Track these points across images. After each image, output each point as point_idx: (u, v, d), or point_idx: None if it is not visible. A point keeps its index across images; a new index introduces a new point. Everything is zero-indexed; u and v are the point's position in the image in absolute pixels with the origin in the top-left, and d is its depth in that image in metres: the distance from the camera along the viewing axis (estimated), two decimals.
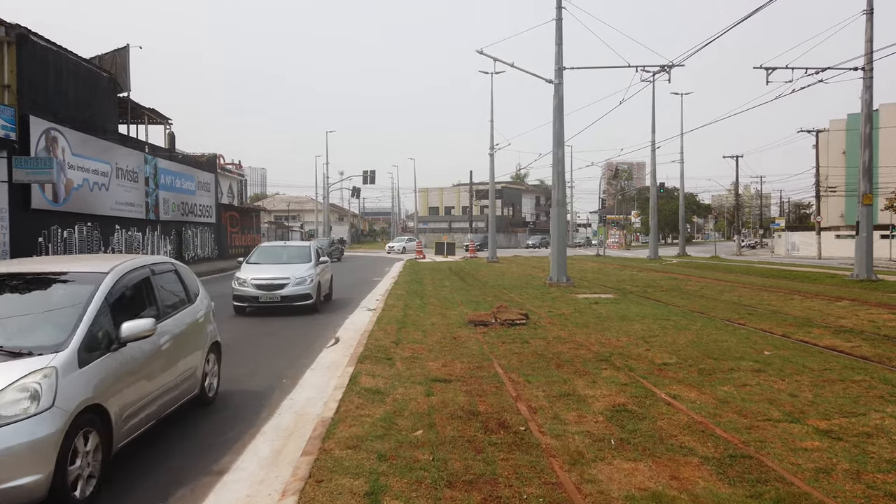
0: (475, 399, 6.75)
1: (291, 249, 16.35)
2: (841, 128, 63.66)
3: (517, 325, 11.87)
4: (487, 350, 9.54)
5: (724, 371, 8.06)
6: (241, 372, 8.63)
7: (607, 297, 17.13)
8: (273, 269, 14.67)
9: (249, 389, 7.73)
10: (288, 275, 14.35)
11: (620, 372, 8.02)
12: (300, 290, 14.26)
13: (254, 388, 7.81)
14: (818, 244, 51.03)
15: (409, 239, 61.23)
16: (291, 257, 15.57)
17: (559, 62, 20.11)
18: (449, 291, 18.98)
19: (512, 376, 7.83)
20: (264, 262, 15.39)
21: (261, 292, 14.07)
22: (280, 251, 16.31)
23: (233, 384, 7.92)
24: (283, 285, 14.17)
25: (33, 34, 22.21)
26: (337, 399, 6.49)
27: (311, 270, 14.80)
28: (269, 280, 14.21)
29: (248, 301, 14.18)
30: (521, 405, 6.51)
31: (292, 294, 14.17)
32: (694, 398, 6.80)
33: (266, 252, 16.32)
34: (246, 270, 14.72)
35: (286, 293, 14.13)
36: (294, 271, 14.52)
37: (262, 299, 14.10)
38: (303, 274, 14.52)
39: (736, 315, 13.19)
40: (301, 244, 17.11)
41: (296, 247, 16.73)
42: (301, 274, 14.50)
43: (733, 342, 10.01)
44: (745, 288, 19.80)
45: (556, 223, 20.72)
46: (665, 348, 9.58)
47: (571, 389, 7.12)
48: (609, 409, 6.34)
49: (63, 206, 23.78)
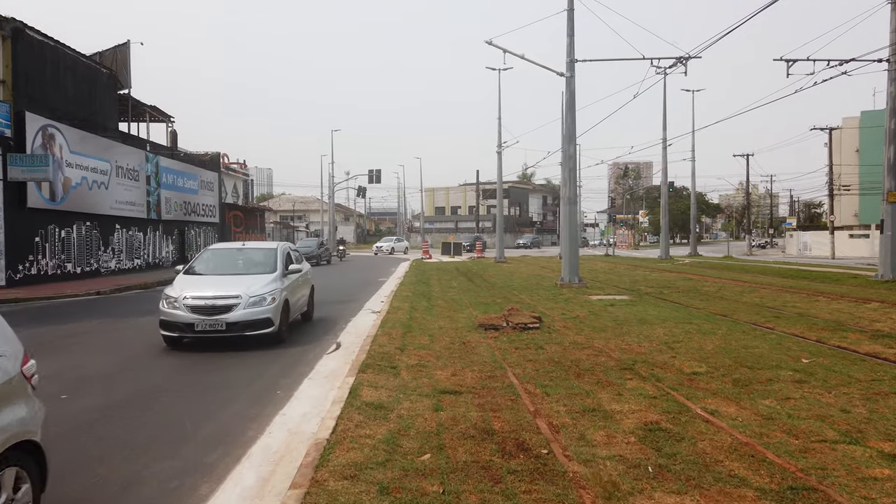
0: (489, 415, 6.04)
1: (251, 254, 12.16)
2: (854, 125, 62.66)
3: (530, 328, 11.16)
4: (500, 357, 8.83)
5: (762, 382, 7.32)
6: (233, 381, 7.95)
7: (622, 298, 16.39)
8: (219, 284, 10.55)
9: (241, 400, 7.04)
10: (238, 291, 10.05)
11: (647, 382, 7.30)
12: (255, 314, 9.97)
13: (245, 399, 7.12)
14: (832, 244, 50.04)
15: (397, 239, 60.58)
16: (249, 265, 11.61)
17: (571, 54, 19.37)
18: (457, 293, 18.28)
19: (528, 387, 7.12)
20: (210, 271, 11.36)
21: (197, 317, 9.76)
22: (234, 256, 12.16)
23: (224, 394, 7.25)
24: (230, 307, 9.85)
25: (29, 28, 21.65)
26: (335, 416, 5.79)
27: (275, 285, 10.60)
28: (211, 299, 9.91)
29: (180, 329, 9.91)
30: (540, 422, 5.80)
31: (244, 320, 9.87)
32: (734, 414, 6.08)
33: (214, 258, 12.00)
34: (181, 284, 10.49)
35: (235, 318, 9.81)
36: (249, 286, 10.30)
37: (198, 327, 9.77)
38: (260, 290, 10.24)
39: (762, 318, 12.43)
40: (265, 246, 12.58)
41: (257, 250, 12.39)
42: (258, 290, 10.22)
43: (765, 348, 9.26)
44: (765, 289, 19.01)
45: (567, 222, 19.99)
46: (692, 355, 8.85)
47: (596, 403, 6.41)
48: (641, 428, 5.62)
49: (61, 205, 23.23)
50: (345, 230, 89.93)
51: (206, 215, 38.68)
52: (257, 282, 10.53)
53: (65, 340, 11.18)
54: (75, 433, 5.94)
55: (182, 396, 7.31)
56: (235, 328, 9.86)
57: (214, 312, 9.83)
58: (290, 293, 11.18)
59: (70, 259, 23.97)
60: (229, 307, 9.87)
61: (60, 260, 23.34)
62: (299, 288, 12.24)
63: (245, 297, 9.98)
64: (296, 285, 11.87)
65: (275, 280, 10.78)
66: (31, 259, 21.60)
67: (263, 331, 10.09)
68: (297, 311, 12.18)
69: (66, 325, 13.12)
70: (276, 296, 10.39)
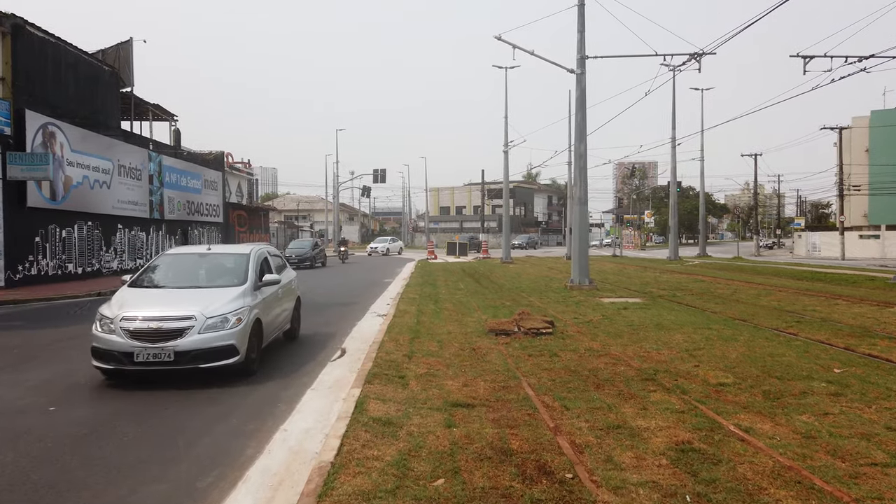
0: (506, 432, 5.60)
1: (217, 261, 9.67)
2: (864, 125, 61.96)
3: (543, 334, 10.71)
4: (513, 365, 8.38)
5: (795, 394, 6.86)
6: (233, 391, 7.53)
7: (635, 301, 15.92)
8: (170, 300, 8.32)
9: (238, 414, 6.61)
10: (193, 310, 7.78)
11: (672, 395, 6.84)
12: (214, 340, 7.71)
13: (243, 412, 6.69)
14: (842, 245, 49.39)
15: (391, 240, 59.13)
16: (214, 275, 9.29)
17: (581, 51, 18.90)
18: (464, 295, 17.84)
19: (545, 400, 6.67)
20: (163, 283, 9.06)
21: (137, 345, 7.50)
22: (196, 264, 9.71)
23: (221, 407, 6.82)
24: (180, 331, 7.57)
25: (30, 24, 21.29)
26: (339, 434, 5.35)
27: (242, 301, 8.32)
28: (156, 321, 7.62)
29: (116, 360, 7.61)
30: (562, 440, 5.35)
31: (199, 348, 7.60)
32: (770, 432, 5.62)
33: (170, 265, 9.61)
34: (121, 301, 8.22)
35: (187, 345, 7.55)
36: (208, 303, 8.03)
37: (139, 357, 7.49)
38: (222, 308, 7.99)
39: (783, 323, 11.95)
40: (235, 251, 9.90)
41: (225, 256, 9.78)
42: (219, 308, 7.97)
43: (792, 357, 8.79)
44: (781, 292, 18.50)
45: (578, 222, 19.52)
46: (716, 364, 8.39)
47: (620, 419, 5.95)
48: (672, 448, 5.17)
49: (61, 205, 22.87)
50: (349, 230, 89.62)
51: (210, 215, 38.33)
52: (220, 297, 8.26)
53: (60, 344, 10.78)
54: (59, 451, 5.52)
55: (178, 408, 6.88)
56: (187, 359, 7.56)
57: (160, 338, 7.53)
58: (264, 310, 8.92)
59: (71, 259, 23.61)
60: (180, 331, 7.57)
61: (61, 260, 22.98)
62: (278, 302, 9.93)
63: (201, 317, 7.71)
64: (273, 300, 9.57)
65: (243, 295, 8.46)
66: (31, 259, 21.24)
67: (225, 362, 7.76)
68: (276, 330, 9.94)
69: (64, 328, 12.72)
70: (242, 315, 8.06)
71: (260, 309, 8.75)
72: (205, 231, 37.37)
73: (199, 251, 10.10)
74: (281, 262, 11.13)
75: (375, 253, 53.65)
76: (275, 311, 9.68)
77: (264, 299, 9.08)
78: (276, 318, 9.75)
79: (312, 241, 39.02)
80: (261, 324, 8.71)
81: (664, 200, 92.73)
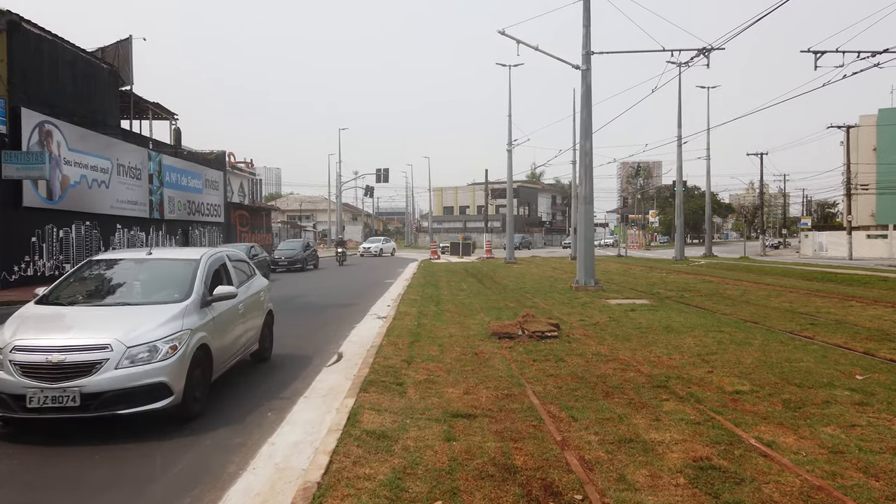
0: (509, 446, 5.20)
1: (157, 270, 7.59)
2: (871, 123, 61.38)
3: (548, 337, 10.30)
4: (517, 371, 7.99)
5: (817, 404, 6.45)
6: (217, 401, 7.14)
7: (643, 303, 15.49)
8: (82, 322, 6.37)
9: (222, 426, 6.23)
10: (108, 337, 5.89)
11: (686, 404, 6.43)
12: (136, 377, 5.79)
13: (229, 422, 6.31)
14: (849, 244, 48.81)
15: (384, 240, 57.10)
16: (150, 288, 7.24)
17: (587, 46, 18.48)
18: (467, 296, 17.44)
19: (551, 409, 6.27)
20: (81, 299, 7.05)
21: (32, 384, 5.63)
22: (130, 273, 7.58)
23: (202, 417, 6.44)
24: (90, 365, 5.71)
25: (26, 21, 20.98)
26: (329, 449, 4.96)
27: (180, 322, 6.34)
28: (58, 352, 5.72)
29: (3, 405, 5.71)
30: (570, 456, 4.95)
31: (114, 388, 5.71)
32: (794, 446, 5.21)
33: (98, 275, 7.59)
34: (18, 323, 6.32)
35: (97, 385, 5.67)
36: (132, 327, 6.08)
37: (34, 401, 5.60)
38: (150, 333, 6.06)
39: (797, 326, 11.52)
40: (182, 257, 7.86)
41: (167, 263, 7.75)
42: (145, 333, 6.04)
43: (810, 362, 8.37)
44: (791, 293, 18.05)
45: (584, 222, 19.10)
46: (730, 370, 7.97)
47: (632, 431, 5.55)
48: (690, 465, 4.76)
49: (58, 204, 22.55)
50: (353, 230, 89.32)
51: (211, 215, 38.02)
52: (150, 318, 6.24)
53: None
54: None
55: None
56: (98, 403, 5.62)
57: (62, 376, 5.59)
58: (215, 332, 6.91)
59: (69, 260, 23.28)
60: (89, 366, 5.64)
61: (58, 261, 22.66)
62: (239, 320, 7.87)
63: (119, 346, 5.77)
64: (231, 317, 7.54)
65: (184, 314, 6.43)
66: (27, 260, 20.92)
67: (152, 406, 5.75)
68: (236, 355, 7.90)
69: None
70: (179, 341, 6.08)
71: (208, 331, 6.69)
72: (206, 231, 37.07)
73: (135, 256, 7.85)
74: (248, 270, 9.17)
75: (368, 253, 52.09)
76: (233, 331, 7.59)
77: (216, 318, 7.01)
78: (234, 340, 7.66)
79: (304, 241, 36.50)
80: (209, 351, 6.64)
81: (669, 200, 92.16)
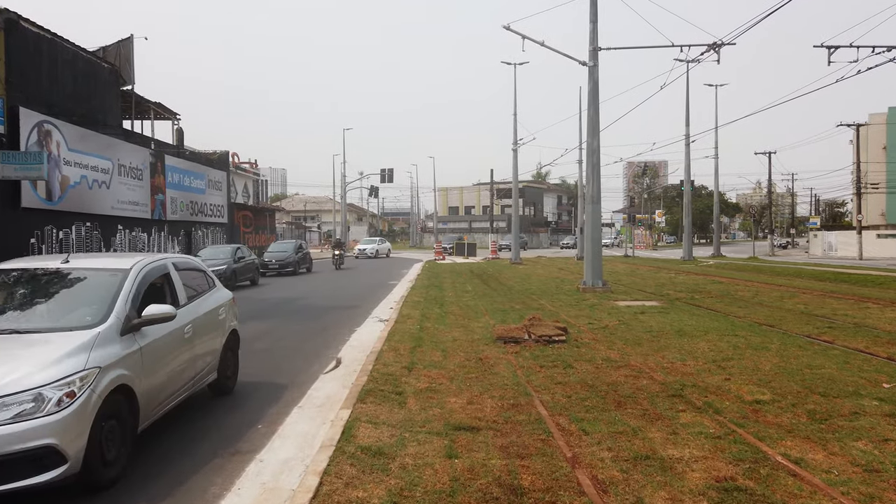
0: (515, 463, 4.81)
1: (68, 283, 5.85)
2: (881, 121, 60.67)
3: (555, 342, 9.90)
4: (523, 378, 7.59)
5: (844, 415, 6.03)
6: (207, 409, 6.78)
7: (652, 304, 15.07)
8: None
9: (209, 440, 5.86)
10: None
11: (704, 416, 6.03)
12: (5, 442, 4.03)
13: (216, 436, 5.94)
14: (859, 244, 48.20)
15: (380, 241, 55.29)
16: (57, 308, 5.60)
17: (594, 42, 18.07)
18: (471, 298, 17.05)
19: (560, 421, 5.88)
20: None
21: None
22: (35, 287, 5.90)
23: (190, 431, 6.07)
24: None
25: (24, 20, 20.69)
26: (320, 469, 4.56)
27: (83, 357, 4.61)
28: None
29: None
30: (582, 475, 4.56)
31: None
32: (825, 464, 4.80)
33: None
34: None
35: None
36: (8, 367, 4.39)
37: None
38: (30, 377, 4.31)
39: (815, 329, 11.08)
40: (105, 266, 6.14)
41: (85, 274, 5.94)
42: (24, 376, 4.32)
43: (832, 369, 7.94)
44: (805, 294, 17.59)
45: (591, 222, 18.68)
46: (749, 377, 7.55)
47: (648, 447, 5.15)
48: (713, 487, 4.36)
49: (58, 205, 22.23)
50: (358, 230, 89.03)
51: (214, 215, 37.72)
52: (39, 353, 4.61)
53: None
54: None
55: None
56: None
57: None
58: (142, 369, 5.17)
59: None
60: None
61: None
62: (183, 348, 6.06)
63: None
64: (169, 346, 5.78)
65: (89, 346, 4.73)
66: None
67: (34, 480, 4.13)
68: (178, 392, 6.03)
69: None
70: (78, 385, 4.42)
71: (132, 367, 5.00)
72: (209, 232, 36.78)
73: (44, 266, 6.08)
74: (204, 281, 7.29)
75: (363, 255, 50.00)
76: (174, 362, 5.85)
77: (146, 348, 5.29)
78: (177, 373, 5.91)
79: (296, 242, 34.07)
80: (132, 394, 4.96)
81: (675, 200, 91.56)
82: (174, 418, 6.22)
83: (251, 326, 12.32)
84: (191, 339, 6.25)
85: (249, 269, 25.47)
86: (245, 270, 24.91)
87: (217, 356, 7.04)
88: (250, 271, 25.57)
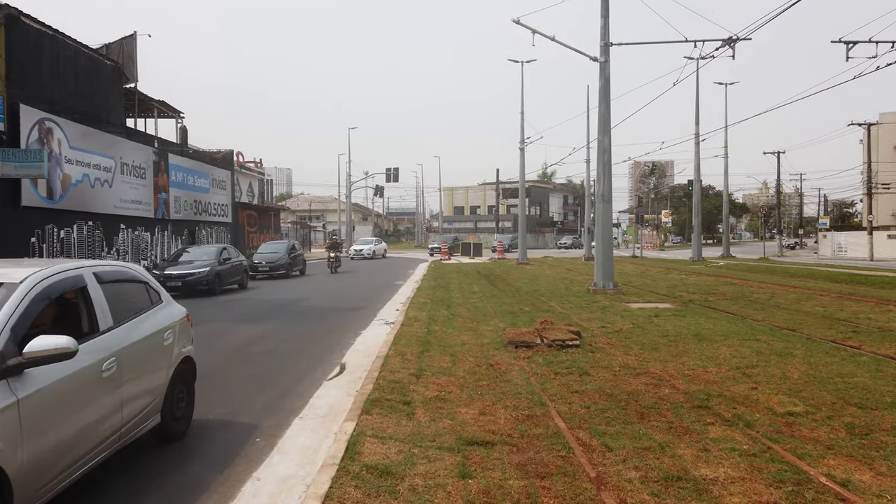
0: (535, 484, 4.40)
1: None
2: (892, 121, 59.95)
3: (569, 346, 9.48)
4: (537, 386, 7.18)
5: (886, 430, 5.60)
6: (197, 423, 6.39)
7: (666, 307, 14.63)
8: None
9: (199, 457, 5.47)
10: None
11: (735, 429, 5.61)
12: None
13: (207, 452, 5.55)
14: (870, 245, 47.59)
15: (376, 241, 53.38)
16: None
17: (605, 37, 17.63)
18: (479, 299, 16.64)
19: (581, 435, 5.47)
20: None
21: None
22: None
23: (174, 449, 5.68)
24: None
25: (25, 16, 20.38)
26: (321, 492, 4.16)
27: None
28: None
29: None
30: (608, 499, 4.15)
31: None
32: (875, 486, 4.38)
33: None
34: None
35: None
36: None
37: None
38: None
39: (839, 334, 10.63)
40: None
41: None
42: None
43: (865, 377, 7.51)
44: (822, 296, 17.12)
45: (602, 221, 18.25)
46: (777, 386, 7.12)
47: (678, 466, 4.73)
48: None
49: (59, 204, 21.92)
50: (363, 230, 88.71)
51: (218, 215, 37.41)
52: None
53: None
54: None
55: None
56: None
57: None
58: (20, 432, 3.52)
59: None
60: None
61: None
62: (99, 392, 4.41)
63: None
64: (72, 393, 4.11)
65: None
66: None
67: None
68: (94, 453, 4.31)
69: None
70: None
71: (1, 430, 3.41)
72: (213, 231, 36.48)
73: None
74: (145, 296, 5.64)
75: (359, 256, 47.98)
76: (83, 414, 4.20)
77: (32, 398, 3.68)
78: (88, 429, 4.24)
79: (289, 243, 31.81)
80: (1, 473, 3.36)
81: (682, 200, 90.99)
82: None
83: (251, 327, 11.97)
84: (114, 377, 4.56)
85: (236, 271, 23.24)
86: (231, 273, 22.72)
87: (161, 394, 5.38)
88: (237, 274, 23.32)
